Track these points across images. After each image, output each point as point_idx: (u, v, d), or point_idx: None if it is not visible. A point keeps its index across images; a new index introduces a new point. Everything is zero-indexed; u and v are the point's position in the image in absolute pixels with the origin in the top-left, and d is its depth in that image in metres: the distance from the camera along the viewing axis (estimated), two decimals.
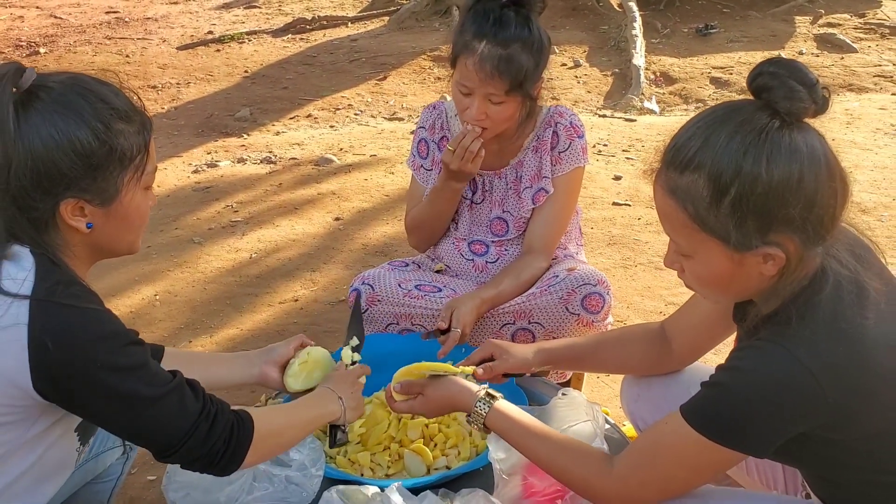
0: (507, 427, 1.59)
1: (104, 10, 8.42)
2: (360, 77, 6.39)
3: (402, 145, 5.02)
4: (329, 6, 8.14)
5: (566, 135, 2.32)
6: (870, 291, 1.34)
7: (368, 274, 2.38)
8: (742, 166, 1.28)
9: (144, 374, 1.40)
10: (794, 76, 1.30)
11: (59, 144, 1.36)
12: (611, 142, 4.95)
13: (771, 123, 1.30)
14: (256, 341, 3.08)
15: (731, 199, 1.29)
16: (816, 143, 1.31)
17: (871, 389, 1.32)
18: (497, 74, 2.09)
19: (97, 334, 1.35)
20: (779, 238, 1.31)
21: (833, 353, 1.30)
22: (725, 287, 1.40)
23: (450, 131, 2.41)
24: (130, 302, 3.40)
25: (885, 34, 6.64)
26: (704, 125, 1.34)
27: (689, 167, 1.32)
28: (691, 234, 1.35)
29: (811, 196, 1.29)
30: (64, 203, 1.39)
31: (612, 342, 1.91)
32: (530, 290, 2.27)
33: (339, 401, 1.75)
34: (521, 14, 2.13)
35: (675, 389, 1.74)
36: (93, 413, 1.42)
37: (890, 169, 4.40)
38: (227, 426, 1.47)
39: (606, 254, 3.65)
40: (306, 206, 4.29)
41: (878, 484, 1.42)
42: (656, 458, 1.42)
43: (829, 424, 1.33)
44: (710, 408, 1.37)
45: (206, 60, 6.87)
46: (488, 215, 2.40)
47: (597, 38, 6.86)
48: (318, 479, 1.75)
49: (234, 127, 5.68)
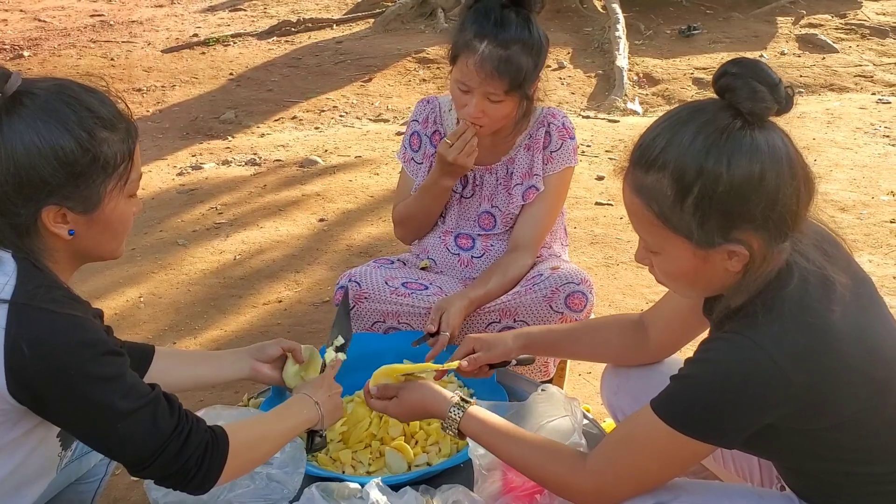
0: (480, 431, 1.61)
1: (89, 13, 8.40)
2: (345, 79, 6.40)
3: (386, 147, 5.04)
4: (314, 8, 8.15)
5: (558, 135, 2.35)
6: (836, 285, 1.36)
7: (355, 271, 2.39)
8: (704, 166, 1.31)
9: (120, 385, 1.38)
10: (757, 76, 1.32)
11: (42, 152, 1.36)
12: (594, 142, 4.98)
13: (733, 123, 1.32)
14: (241, 343, 3.08)
15: (693, 197, 1.32)
16: (779, 142, 1.33)
17: (837, 380, 1.35)
18: (497, 75, 2.12)
19: (74, 341, 1.34)
20: (742, 235, 1.33)
21: (799, 344, 1.32)
22: (692, 282, 1.43)
23: (443, 126, 2.44)
24: (115, 304, 3.40)
25: (866, 34, 6.70)
26: (669, 125, 1.37)
27: (654, 166, 1.35)
28: (657, 232, 1.38)
29: (773, 194, 1.31)
30: (46, 210, 1.39)
31: (589, 330, 1.94)
32: (515, 288, 2.29)
33: (316, 406, 1.74)
34: (522, 15, 2.16)
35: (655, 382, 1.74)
36: (65, 421, 1.41)
37: (869, 168, 4.45)
38: (200, 445, 1.45)
39: (589, 253, 3.67)
40: (291, 207, 4.30)
41: (845, 474, 1.44)
42: (629, 452, 1.44)
43: (796, 415, 1.36)
44: (679, 400, 1.39)
45: (190, 63, 6.86)
46: (477, 209, 2.43)
47: (580, 40, 6.89)
48: (299, 477, 1.76)
49: (218, 129, 5.68)
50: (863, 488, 1.45)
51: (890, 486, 1.44)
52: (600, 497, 1.48)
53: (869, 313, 1.42)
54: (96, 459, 1.80)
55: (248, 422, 1.65)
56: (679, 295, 1.59)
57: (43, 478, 1.54)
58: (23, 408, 1.37)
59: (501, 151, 2.38)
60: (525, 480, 1.68)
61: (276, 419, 1.69)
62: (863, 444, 1.41)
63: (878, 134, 4.95)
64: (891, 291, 3.24)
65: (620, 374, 1.89)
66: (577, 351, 1.99)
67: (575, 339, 1.93)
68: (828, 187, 4.14)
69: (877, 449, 1.42)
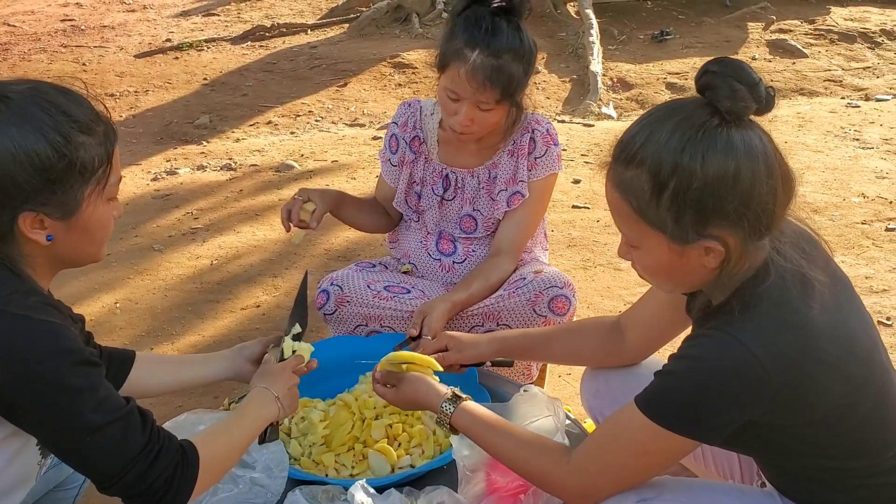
0: (470, 425, 1.62)
1: (59, 17, 8.32)
2: (321, 84, 6.39)
3: (363, 151, 5.03)
4: (288, 13, 8.13)
5: (543, 141, 2.35)
6: (814, 284, 1.38)
7: (337, 275, 2.38)
8: (679, 162, 1.32)
9: (92, 397, 1.35)
10: (737, 76, 1.34)
11: (16, 158, 1.33)
12: (570, 146, 5.01)
13: (710, 121, 1.34)
14: (218, 347, 3.05)
15: (669, 193, 1.34)
16: (756, 140, 1.35)
17: (816, 376, 1.36)
18: (489, 84, 2.10)
19: (49, 348, 1.32)
20: (717, 232, 1.35)
21: (778, 341, 1.34)
22: (670, 277, 1.45)
23: (423, 131, 2.43)
24: (91, 310, 3.37)
25: (834, 40, 6.81)
26: (649, 122, 1.39)
27: (633, 162, 1.37)
28: (635, 226, 1.40)
29: (747, 192, 1.33)
30: (22, 216, 1.36)
31: (565, 333, 1.95)
32: (498, 292, 2.30)
33: (276, 401, 1.68)
34: (512, 23, 2.14)
35: (634, 384, 1.76)
36: (35, 430, 1.38)
37: (840, 170, 4.52)
38: (170, 465, 1.40)
39: (567, 255, 3.70)
40: (267, 212, 4.28)
41: (825, 469, 1.46)
42: (612, 448, 1.45)
43: (776, 411, 1.37)
44: (662, 396, 1.41)
45: (164, 68, 6.81)
46: (458, 212, 2.43)
47: (555, 45, 6.94)
48: (282, 480, 1.75)
49: (193, 134, 5.65)
50: (843, 482, 1.47)
51: (870, 479, 1.46)
52: (583, 494, 1.49)
53: (846, 311, 1.44)
54: None
55: (214, 431, 1.58)
56: (659, 289, 1.61)
57: (23, 486, 1.52)
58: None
59: (484, 156, 2.38)
60: (509, 481, 1.68)
61: (239, 422, 1.62)
62: (841, 439, 1.43)
63: (849, 137, 5.03)
64: (863, 291, 3.29)
65: (599, 378, 1.90)
66: (552, 354, 2.00)
67: (550, 342, 1.94)
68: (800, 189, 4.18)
69: (855, 444, 1.44)
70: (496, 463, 1.70)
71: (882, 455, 1.46)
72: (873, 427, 1.45)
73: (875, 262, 3.56)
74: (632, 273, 1.80)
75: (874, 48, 6.68)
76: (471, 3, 2.16)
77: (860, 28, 6.94)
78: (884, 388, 1.46)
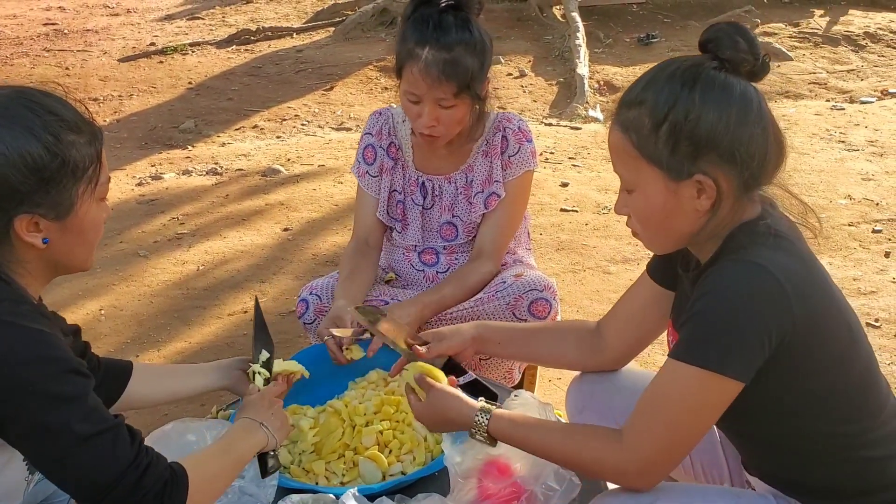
0: (511, 430, 1.58)
1: (42, 21, 8.25)
2: (307, 87, 6.36)
3: (350, 155, 5.01)
4: (273, 17, 8.10)
5: (515, 139, 2.34)
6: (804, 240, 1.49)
7: (316, 284, 2.36)
8: (678, 97, 1.41)
9: (79, 407, 1.32)
10: (739, 32, 1.44)
11: (9, 159, 1.32)
12: (557, 149, 5.01)
13: (709, 64, 1.43)
14: (205, 354, 3.04)
15: (667, 125, 1.41)
16: (751, 91, 1.43)
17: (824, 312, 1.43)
18: (444, 78, 2.10)
19: (36, 356, 1.30)
20: (711, 169, 1.41)
21: (791, 265, 1.40)
22: (663, 224, 1.49)
23: (397, 137, 2.42)
24: (75, 317, 3.33)
25: (818, 42, 6.85)
26: (653, 71, 1.49)
27: (636, 102, 1.46)
28: (633, 164, 1.46)
29: (740, 132, 1.40)
30: (18, 219, 1.35)
31: (547, 332, 1.94)
32: (478, 295, 2.28)
33: (262, 427, 1.66)
34: (460, 17, 2.15)
35: (619, 399, 1.77)
36: (20, 442, 1.34)
37: (826, 172, 4.54)
38: (159, 481, 1.36)
39: (555, 259, 3.69)
40: (254, 217, 4.25)
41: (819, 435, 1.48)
42: (659, 409, 1.44)
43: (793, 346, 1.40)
44: (691, 336, 1.42)
45: (148, 72, 6.77)
46: (438, 220, 2.41)
47: (541, 48, 6.94)
48: (272, 489, 1.73)
49: (178, 139, 5.61)
50: (834, 454, 1.48)
51: (860, 450, 1.48)
52: (640, 472, 1.46)
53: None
54: None
55: (203, 457, 1.55)
56: (652, 247, 1.61)
57: (8, 502, 1.49)
58: None
59: (459, 160, 2.37)
60: (501, 487, 1.67)
61: (227, 452, 1.58)
62: (837, 400, 1.47)
63: (834, 139, 5.05)
64: (851, 293, 3.30)
65: (584, 392, 1.88)
66: (532, 352, 1.96)
67: (532, 338, 1.93)
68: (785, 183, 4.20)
69: (851, 404, 1.48)
70: (488, 469, 1.68)
71: (874, 419, 1.49)
72: (867, 386, 1.50)
73: (862, 263, 3.58)
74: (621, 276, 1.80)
75: (858, 51, 6.72)
76: (419, 5, 2.17)
77: (844, 31, 6.99)
78: (870, 353, 1.53)
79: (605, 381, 1.86)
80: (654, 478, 1.48)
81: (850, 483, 1.50)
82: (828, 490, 1.51)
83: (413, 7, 2.18)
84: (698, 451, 1.75)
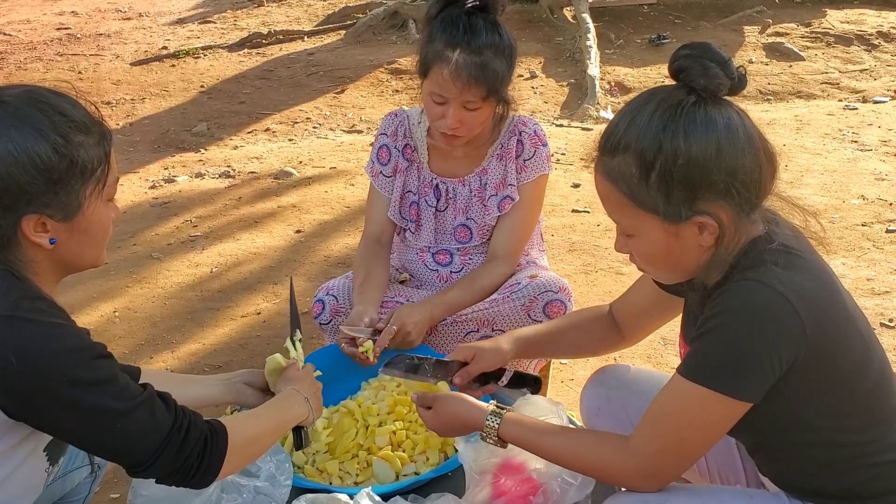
0: (520, 433, 1.60)
1: (55, 26, 8.30)
2: (318, 90, 6.38)
3: (361, 157, 5.02)
4: (285, 20, 8.12)
5: (531, 143, 2.33)
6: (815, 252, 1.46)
7: (333, 284, 2.37)
8: (662, 142, 1.37)
9: (112, 387, 1.37)
10: (707, 55, 1.40)
11: (18, 160, 1.33)
12: (568, 150, 5.01)
13: (687, 100, 1.39)
14: (219, 355, 3.06)
15: (657, 173, 1.38)
16: (734, 116, 1.40)
17: (840, 325, 1.41)
18: (475, 82, 2.10)
19: (61, 348, 1.33)
20: (709, 207, 1.39)
21: (805, 284, 1.38)
22: (668, 262, 1.47)
23: (412, 139, 2.42)
24: (89, 319, 3.35)
25: (831, 42, 6.82)
26: (629, 110, 1.44)
27: (619, 149, 1.42)
28: (629, 212, 1.43)
29: (732, 164, 1.37)
30: (26, 219, 1.36)
31: (567, 328, 1.96)
32: (493, 296, 2.28)
33: (306, 402, 1.73)
34: (489, 19, 2.15)
35: (635, 404, 1.76)
36: (61, 430, 1.39)
37: (839, 172, 4.52)
38: (200, 438, 1.44)
39: (567, 260, 3.69)
40: (267, 219, 4.27)
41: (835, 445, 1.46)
42: (666, 423, 1.44)
43: (806, 365, 1.38)
44: (701, 356, 1.41)
45: (160, 76, 6.80)
46: (452, 222, 2.41)
47: (552, 50, 6.94)
48: (286, 489, 1.74)
49: (191, 142, 5.63)
50: (849, 462, 1.47)
51: (874, 456, 1.47)
52: (646, 475, 1.47)
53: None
54: (80, 478, 1.77)
55: (244, 417, 1.64)
56: (661, 280, 1.61)
57: (30, 494, 1.51)
58: (10, 421, 1.35)
59: (473, 162, 2.37)
60: (516, 484, 1.67)
61: (271, 413, 1.67)
62: (852, 410, 1.46)
63: (847, 139, 5.03)
64: (864, 293, 3.28)
65: (600, 395, 1.89)
66: (559, 350, 2.02)
67: (560, 335, 1.95)
68: (799, 192, 4.19)
69: (868, 411, 1.47)
70: (504, 468, 1.69)
71: (889, 423, 1.48)
72: (881, 392, 1.48)
73: (876, 263, 3.56)
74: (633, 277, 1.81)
75: (871, 50, 6.68)
76: (445, 5, 2.17)
77: (857, 30, 6.95)
78: (883, 357, 1.52)
79: (620, 385, 1.87)
80: (659, 485, 1.49)
81: (864, 487, 1.49)
82: (842, 494, 1.50)
83: (439, 7, 2.17)
84: (714, 454, 1.75)
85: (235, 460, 1.51)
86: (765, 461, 1.59)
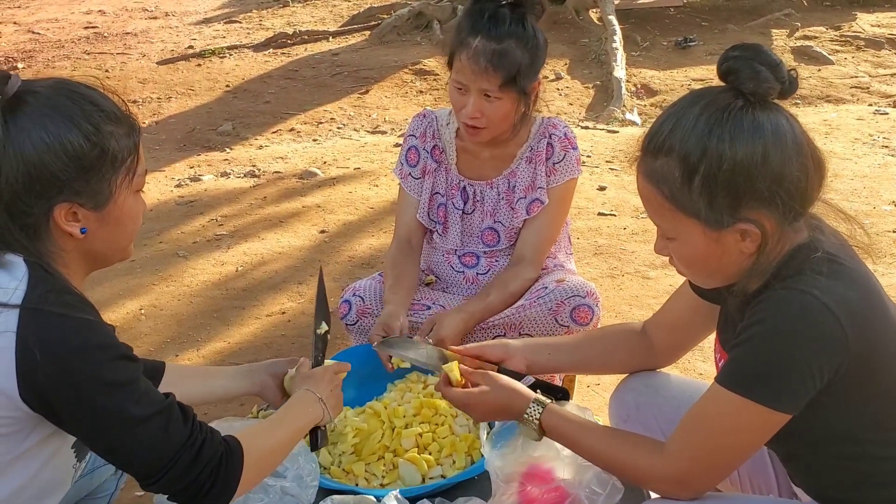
0: (560, 425, 1.59)
1: (83, 25, 8.38)
2: (343, 91, 6.39)
3: (385, 158, 5.02)
4: (310, 21, 8.15)
5: (561, 146, 2.31)
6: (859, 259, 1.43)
7: (359, 285, 2.36)
8: (708, 146, 1.34)
9: (132, 390, 1.35)
10: (758, 58, 1.37)
11: (51, 147, 1.35)
12: (594, 153, 4.97)
13: (734, 103, 1.36)
14: (244, 354, 3.06)
15: (700, 177, 1.35)
16: (783, 121, 1.36)
17: (883, 336, 1.37)
18: (491, 68, 2.10)
19: (87, 344, 1.32)
20: (752, 214, 1.36)
21: (847, 294, 1.34)
22: (708, 267, 1.44)
23: (441, 140, 2.41)
24: (115, 316, 3.37)
25: (861, 46, 6.74)
26: (675, 111, 1.41)
27: (662, 151, 1.39)
28: (670, 216, 1.41)
29: (778, 171, 1.34)
30: (58, 207, 1.37)
31: (591, 341, 1.93)
32: (520, 301, 2.26)
33: (320, 402, 1.69)
34: (517, 13, 2.15)
35: (664, 412, 1.75)
36: (76, 428, 1.38)
37: (869, 178, 4.45)
38: (214, 457, 1.40)
39: (593, 264, 3.66)
40: (291, 219, 4.28)
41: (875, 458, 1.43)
42: (701, 431, 1.42)
43: (848, 376, 1.35)
44: (740, 365, 1.39)
45: (186, 75, 6.85)
46: (479, 225, 2.40)
47: (578, 52, 6.91)
48: (313, 490, 1.74)
49: (216, 141, 5.66)
50: (887, 474, 1.44)
51: None
52: (679, 481, 1.46)
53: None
54: (107, 474, 1.77)
55: (257, 430, 1.60)
56: (697, 283, 1.58)
57: (58, 490, 1.51)
58: (36, 416, 1.35)
59: (502, 165, 2.35)
60: (544, 491, 1.65)
61: (286, 420, 1.63)
62: (891, 423, 1.42)
63: (877, 144, 4.96)
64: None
65: (629, 402, 1.86)
66: (582, 359, 1.94)
67: (580, 347, 1.91)
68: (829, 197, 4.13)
69: None
70: (530, 476, 1.67)
71: None
72: None
73: None
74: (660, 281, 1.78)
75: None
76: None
77: (888, 34, 6.86)
78: None
79: (649, 392, 1.84)
80: (692, 494, 1.47)
81: None
82: None
83: (474, 1, 2.19)
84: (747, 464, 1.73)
85: (252, 478, 1.47)
86: (799, 471, 1.57)
